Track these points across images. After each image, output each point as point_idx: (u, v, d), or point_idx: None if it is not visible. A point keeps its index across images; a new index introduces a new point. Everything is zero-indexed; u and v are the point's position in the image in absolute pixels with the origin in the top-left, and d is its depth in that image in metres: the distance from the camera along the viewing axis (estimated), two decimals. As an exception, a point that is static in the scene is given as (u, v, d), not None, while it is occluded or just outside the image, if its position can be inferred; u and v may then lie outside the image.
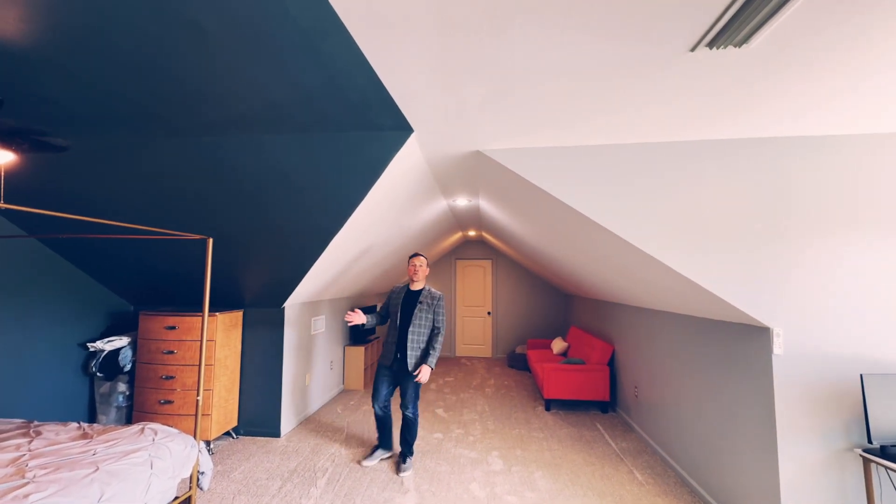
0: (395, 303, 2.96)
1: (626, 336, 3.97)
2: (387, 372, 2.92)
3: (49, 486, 1.53)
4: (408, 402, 2.89)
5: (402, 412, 2.93)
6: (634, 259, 2.48)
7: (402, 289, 3.02)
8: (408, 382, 2.86)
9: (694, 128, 1.97)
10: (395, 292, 3.03)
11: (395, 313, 2.94)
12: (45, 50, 1.44)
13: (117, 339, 3.38)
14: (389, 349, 2.92)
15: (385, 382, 2.93)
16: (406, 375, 2.85)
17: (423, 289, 2.97)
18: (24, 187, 2.68)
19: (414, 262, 2.99)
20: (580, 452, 3.21)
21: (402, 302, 2.93)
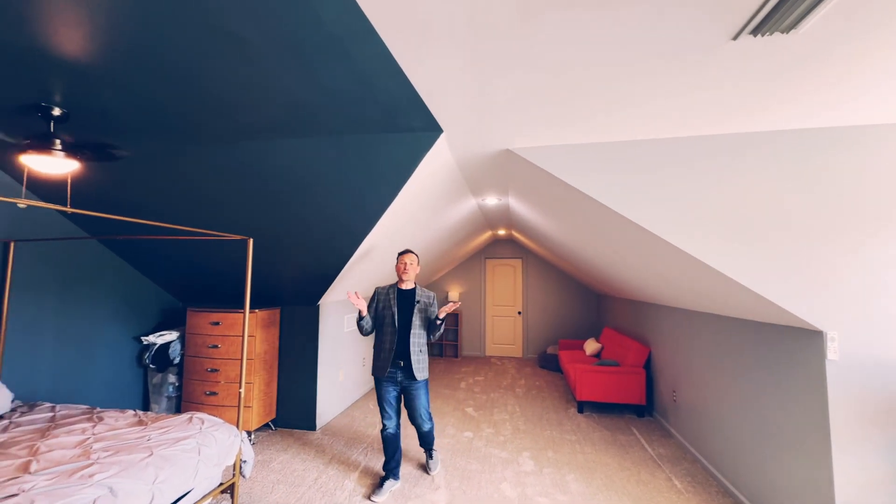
0: (385, 305, 2.66)
1: (664, 338, 3.82)
2: (391, 386, 2.61)
3: (111, 468, 1.67)
4: (421, 417, 2.64)
5: (418, 426, 2.68)
6: (673, 259, 2.38)
7: (390, 289, 2.71)
8: (416, 392, 2.60)
9: (737, 119, 1.87)
10: (382, 294, 2.72)
11: (389, 316, 2.62)
12: (103, 66, 1.56)
13: (168, 334, 3.62)
14: (385, 358, 2.58)
15: (394, 398, 2.62)
16: (413, 384, 2.59)
17: (415, 288, 2.71)
18: (85, 193, 2.92)
19: (405, 259, 2.70)
20: (614, 456, 3.12)
21: (398, 304, 2.64)
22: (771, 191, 1.97)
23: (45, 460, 1.73)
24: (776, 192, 1.96)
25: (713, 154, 2.04)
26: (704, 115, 1.85)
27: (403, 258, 2.71)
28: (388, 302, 2.66)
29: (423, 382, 2.62)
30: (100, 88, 1.73)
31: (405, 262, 2.69)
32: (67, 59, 1.51)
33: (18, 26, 1.31)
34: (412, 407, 2.63)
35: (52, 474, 1.61)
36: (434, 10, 1.23)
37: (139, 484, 1.64)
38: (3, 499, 1.43)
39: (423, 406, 2.64)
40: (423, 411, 2.64)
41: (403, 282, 2.70)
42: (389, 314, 2.62)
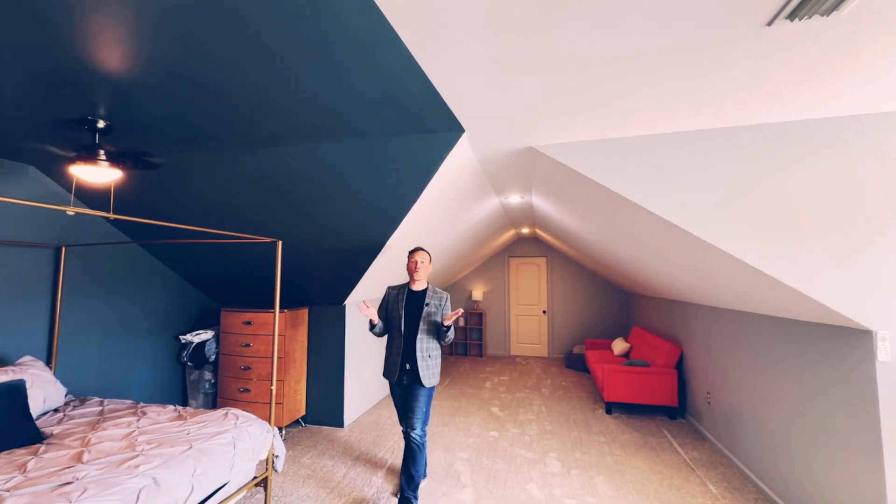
0: (394, 306, 2.51)
1: (697, 337, 3.68)
2: (400, 390, 2.50)
3: (154, 459, 1.76)
4: (415, 422, 2.39)
5: (407, 434, 2.41)
6: (708, 256, 2.30)
7: (401, 289, 2.56)
8: (418, 398, 2.41)
9: (775, 110, 1.78)
10: (392, 295, 2.57)
11: (396, 318, 2.48)
12: (143, 80, 1.65)
13: (204, 333, 3.78)
14: (393, 362, 2.46)
15: (400, 402, 2.53)
16: (417, 389, 2.41)
17: (427, 288, 2.53)
18: (127, 200, 3.09)
19: (415, 257, 2.51)
20: (645, 459, 3.04)
21: (406, 305, 2.48)
22: (815, 184, 1.86)
23: (96, 451, 1.85)
24: (821, 186, 1.86)
25: (751, 147, 1.95)
26: (738, 106, 1.77)
27: (414, 256, 2.52)
28: (396, 304, 2.51)
29: (428, 389, 2.43)
30: (140, 101, 1.83)
31: (416, 260, 2.51)
32: (111, 75, 1.60)
33: (67, 48, 1.41)
34: (408, 407, 2.42)
35: (102, 464, 1.72)
36: (454, 10, 1.24)
37: (180, 475, 1.72)
38: (60, 486, 1.53)
39: (421, 414, 2.40)
40: (419, 420, 2.39)
41: (415, 282, 2.53)
42: (396, 317, 2.48)
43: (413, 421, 2.39)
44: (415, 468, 2.38)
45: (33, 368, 2.42)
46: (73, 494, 1.47)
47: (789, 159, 1.88)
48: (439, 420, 3.89)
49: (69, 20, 1.27)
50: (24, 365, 2.44)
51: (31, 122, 2.06)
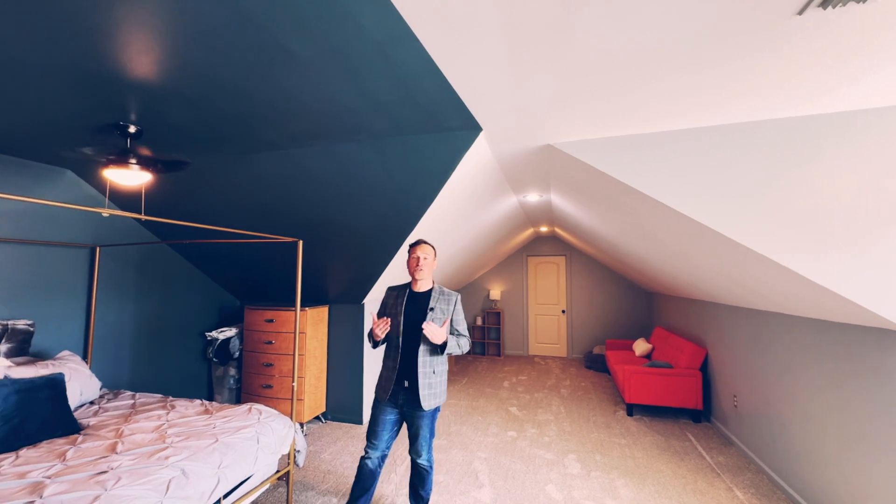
0: (393, 312, 2.10)
1: (723, 338, 3.57)
2: (389, 409, 2.06)
3: (183, 451, 1.83)
4: (420, 447, 2.08)
5: (413, 460, 2.12)
6: (735, 255, 2.22)
7: (401, 291, 2.14)
8: (421, 426, 2.05)
9: (804, 102, 1.71)
10: (392, 297, 2.16)
11: (394, 326, 2.07)
12: (171, 86, 1.71)
13: (228, 330, 3.90)
14: (389, 376, 2.05)
15: (389, 423, 2.07)
16: (416, 413, 2.04)
17: (432, 288, 2.13)
18: (156, 202, 3.21)
19: (417, 252, 2.10)
20: (668, 463, 2.97)
21: (406, 310, 2.07)
22: (850, 179, 1.78)
23: (129, 442, 1.93)
24: (856, 180, 1.77)
25: (780, 140, 1.87)
26: (765, 99, 1.70)
27: (415, 251, 2.11)
28: (395, 308, 2.10)
29: (429, 413, 2.04)
30: (168, 106, 1.90)
31: (417, 255, 2.10)
32: (141, 82, 1.67)
33: (100, 56, 1.47)
34: (411, 436, 2.09)
35: (134, 455, 1.79)
36: (471, 7, 1.23)
37: (207, 467, 1.78)
38: (96, 474, 1.61)
39: (426, 438, 2.08)
40: (425, 445, 2.09)
41: (417, 281, 2.12)
42: (395, 324, 2.07)
43: (419, 446, 2.08)
44: (424, 489, 2.14)
45: (71, 363, 2.55)
46: (109, 483, 1.55)
47: (821, 153, 1.80)
48: (457, 419, 3.89)
49: (103, 30, 1.33)
50: (63, 359, 2.56)
51: (68, 128, 2.17)
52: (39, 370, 2.28)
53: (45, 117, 2.03)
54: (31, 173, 2.74)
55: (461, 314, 2.15)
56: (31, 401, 2.06)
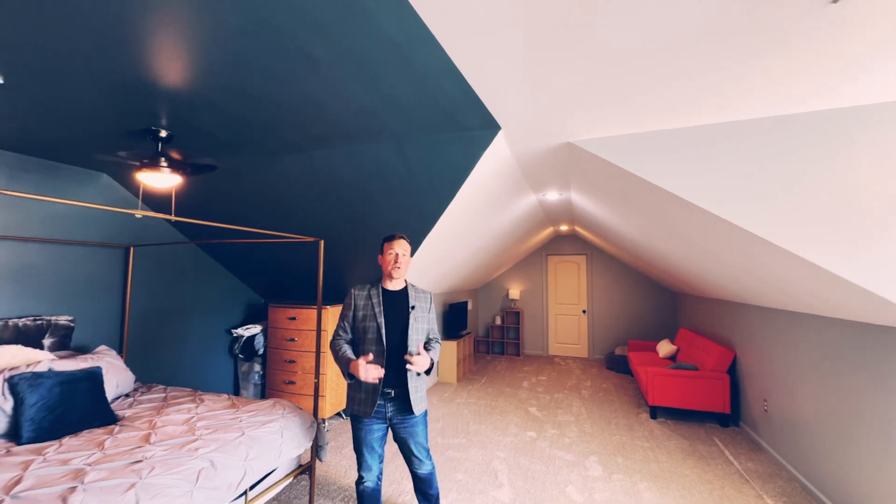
0: (367, 314, 1.89)
1: (752, 340, 3.45)
2: (377, 424, 1.88)
3: (211, 444, 1.90)
4: (421, 455, 1.95)
5: (415, 472, 1.98)
6: (764, 254, 2.15)
7: (372, 290, 1.94)
8: (412, 429, 1.91)
9: (835, 94, 1.63)
10: (361, 298, 1.93)
11: (373, 329, 1.87)
12: (199, 92, 1.78)
13: (253, 327, 4.02)
14: (370, 389, 1.84)
15: (378, 440, 1.90)
16: (407, 419, 1.90)
17: (406, 287, 1.99)
18: (185, 203, 3.33)
19: (395, 247, 1.92)
20: (693, 468, 2.89)
21: (385, 311, 1.89)
22: (887, 173, 1.69)
23: (161, 434, 2.02)
24: (894, 175, 1.68)
25: (809, 134, 1.80)
26: (793, 92, 1.63)
27: (393, 246, 1.92)
28: (370, 309, 1.90)
29: (422, 417, 1.94)
30: (196, 111, 1.98)
31: (395, 251, 1.91)
32: (171, 89, 1.74)
33: (134, 65, 1.54)
34: (406, 447, 1.94)
35: (166, 446, 1.87)
36: (489, 6, 1.23)
37: (234, 460, 1.85)
38: (132, 463, 1.69)
39: (422, 444, 1.96)
40: (422, 450, 1.96)
41: (392, 279, 1.95)
42: (373, 326, 1.87)
43: (418, 456, 1.95)
44: (431, 489, 2.03)
45: (108, 357, 2.68)
46: (143, 472, 1.62)
47: (854, 147, 1.71)
48: (476, 418, 3.89)
49: (135, 40, 1.39)
50: (101, 353, 2.70)
51: (105, 134, 2.28)
52: (79, 363, 2.40)
53: (85, 124, 2.14)
54: (70, 177, 2.90)
55: (434, 314, 2.04)
56: (73, 392, 2.18)
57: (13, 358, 2.30)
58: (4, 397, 2.04)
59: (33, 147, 2.52)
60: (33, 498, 1.43)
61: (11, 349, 2.33)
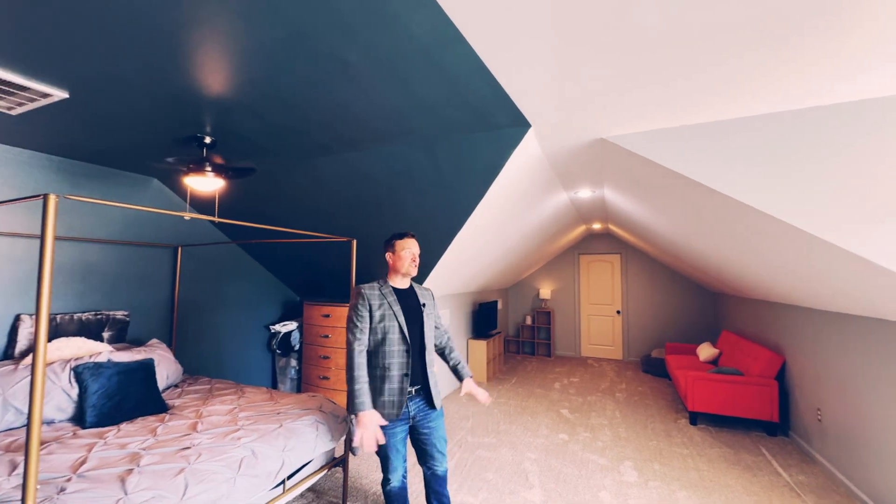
0: (385, 313, 1.85)
1: (804, 345, 3.23)
2: (401, 426, 1.86)
3: (252, 434, 2.00)
4: (443, 450, 1.94)
5: (434, 471, 1.94)
6: (817, 253, 2.01)
7: (383, 289, 1.90)
8: (436, 423, 1.92)
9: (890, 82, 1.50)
10: (376, 297, 1.88)
11: (394, 329, 1.84)
12: (240, 99, 1.87)
13: (290, 324, 4.17)
14: (396, 389, 1.81)
15: (402, 441, 1.88)
16: (430, 415, 1.91)
17: (411, 285, 2.01)
18: (227, 205, 3.51)
19: (411, 245, 1.93)
20: (738, 478, 2.74)
21: (403, 310, 1.89)
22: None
23: (207, 422, 2.15)
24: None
25: (868, 124, 1.66)
26: (846, 78, 1.51)
27: (408, 245, 1.93)
28: (387, 309, 1.86)
29: (441, 410, 1.97)
30: (237, 118, 2.08)
31: (412, 250, 1.93)
32: (215, 97, 1.84)
33: (182, 78, 1.64)
34: (428, 443, 1.91)
35: (212, 434, 1.99)
36: (517, 7, 1.22)
37: (273, 450, 1.93)
38: (181, 449, 1.81)
39: (443, 437, 1.95)
40: (444, 443, 1.95)
41: (402, 278, 1.96)
42: (394, 326, 1.84)
43: (440, 453, 1.93)
44: (447, 490, 1.99)
45: (159, 350, 2.87)
46: (191, 457, 1.73)
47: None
48: (506, 418, 3.87)
49: (183, 55, 1.48)
50: (153, 346, 2.89)
51: (155, 142, 2.44)
52: (134, 355, 2.59)
53: (139, 134, 2.30)
54: (125, 182, 3.12)
55: (437, 309, 2.09)
56: (129, 381, 2.35)
57: (78, 349, 2.51)
58: (71, 385, 2.23)
59: (94, 155, 2.73)
60: (96, 477, 1.56)
61: (76, 341, 2.55)
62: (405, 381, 1.82)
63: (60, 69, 1.60)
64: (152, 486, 1.51)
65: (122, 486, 1.50)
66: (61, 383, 2.20)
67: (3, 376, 2.12)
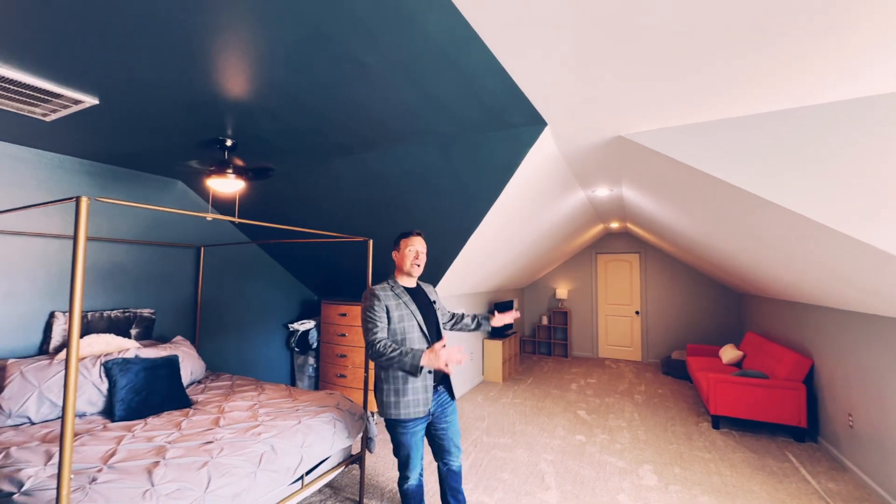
0: (402, 313, 1.86)
1: (833, 347, 3.10)
2: (421, 423, 1.86)
3: (272, 429, 2.04)
4: (459, 444, 1.97)
5: (449, 466, 1.96)
6: (848, 252, 1.93)
7: (395, 289, 1.91)
8: (454, 414, 1.96)
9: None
10: (391, 297, 1.87)
11: (414, 328, 1.86)
12: (259, 102, 1.91)
13: (307, 322, 4.24)
14: (421, 387, 1.80)
15: (421, 441, 1.89)
16: (450, 406, 1.95)
17: (419, 283, 2.06)
18: (246, 206, 3.59)
19: (415, 243, 1.95)
20: (763, 484, 2.66)
21: (419, 308, 1.91)
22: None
23: (229, 418, 2.20)
24: None
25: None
26: (877, 69, 1.45)
27: (413, 242, 1.95)
28: (403, 309, 1.87)
29: (455, 404, 2.00)
30: (257, 120, 2.13)
31: (416, 248, 1.94)
32: (236, 100, 1.89)
33: (204, 82, 1.69)
34: (445, 437, 1.93)
35: (233, 429, 2.04)
36: (533, 7, 1.21)
37: (292, 446, 1.97)
38: (204, 443, 1.86)
39: (458, 430, 1.99)
40: (459, 437, 1.98)
41: (411, 276, 1.98)
42: (413, 325, 1.85)
43: (454, 452, 1.95)
44: (461, 486, 2.00)
45: (184, 346, 2.96)
46: (214, 451, 1.78)
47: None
48: (522, 419, 3.85)
49: (206, 60, 1.53)
50: (177, 343, 2.98)
51: (179, 145, 2.51)
52: (160, 352, 2.68)
53: (164, 137, 2.38)
54: (151, 185, 3.23)
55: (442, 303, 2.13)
56: (155, 377, 2.43)
57: (107, 345, 2.62)
58: (101, 379, 2.32)
59: (121, 159, 2.84)
60: (125, 469, 1.62)
61: (106, 338, 2.65)
62: (428, 378, 1.83)
63: (90, 77, 1.66)
64: (177, 479, 1.56)
65: (150, 478, 1.55)
66: (92, 378, 2.30)
67: (38, 371, 2.22)
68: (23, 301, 2.54)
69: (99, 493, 1.44)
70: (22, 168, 2.55)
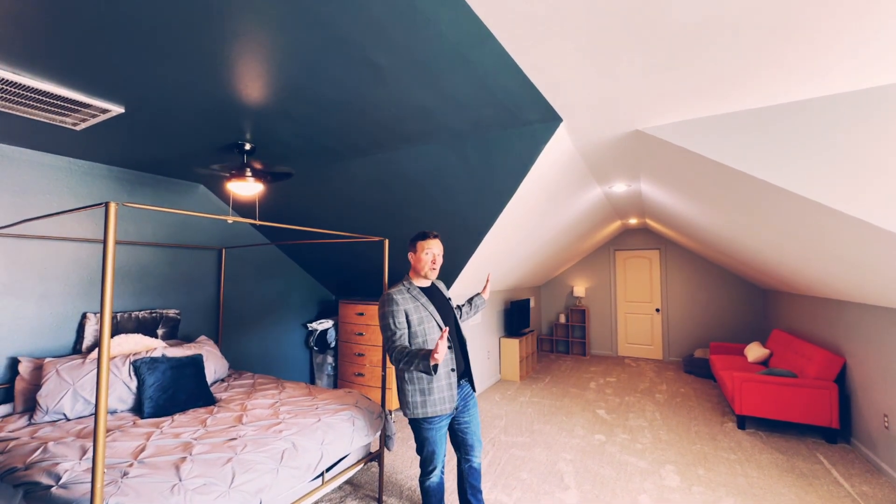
0: (422, 315, 1.88)
1: (867, 346, 2.97)
2: (445, 419, 1.89)
3: (293, 427, 2.09)
4: (481, 439, 2.03)
5: (470, 463, 2.00)
6: (880, 245, 1.84)
7: (411, 291, 1.94)
8: (476, 407, 2.02)
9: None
10: (409, 302, 1.89)
11: (432, 329, 1.88)
12: (276, 105, 1.95)
13: (326, 322, 4.31)
14: (445, 385, 1.85)
15: (444, 437, 1.93)
16: (471, 399, 2.01)
17: (433, 282, 2.07)
18: (265, 208, 3.67)
19: (432, 246, 1.97)
20: (791, 487, 2.57)
21: (438, 308, 1.95)
22: None
23: (251, 415, 2.26)
24: None
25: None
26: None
27: (430, 245, 1.97)
28: (422, 311, 1.89)
29: (475, 398, 2.05)
30: (275, 124, 2.17)
31: (433, 251, 1.96)
32: (254, 105, 1.93)
33: (224, 89, 1.73)
34: (468, 431, 1.97)
35: (256, 427, 2.09)
36: (547, 2, 1.20)
37: (312, 443, 2.01)
38: (228, 440, 1.91)
39: (479, 425, 2.04)
40: (480, 431, 2.03)
41: (426, 278, 2.00)
42: (434, 326, 1.88)
43: (477, 448, 2.00)
44: (481, 490, 2.05)
45: (207, 346, 3.04)
46: (238, 448, 1.83)
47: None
48: (540, 417, 3.82)
49: (226, 67, 1.56)
50: (201, 342, 3.07)
51: (200, 151, 2.58)
52: (185, 351, 2.76)
53: (186, 143, 2.45)
54: (174, 189, 3.33)
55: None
56: (181, 375, 2.51)
57: (136, 345, 2.71)
58: (131, 377, 2.41)
59: (146, 164, 2.93)
60: (154, 464, 1.68)
61: (134, 338, 2.75)
62: (452, 375, 1.88)
63: (117, 86, 1.72)
64: (203, 474, 1.61)
65: (177, 473, 1.60)
66: (122, 376, 2.39)
67: (72, 370, 2.32)
68: (57, 303, 2.65)
69: (130, 487, 1.49)
70: (55, 176, 2.67)
